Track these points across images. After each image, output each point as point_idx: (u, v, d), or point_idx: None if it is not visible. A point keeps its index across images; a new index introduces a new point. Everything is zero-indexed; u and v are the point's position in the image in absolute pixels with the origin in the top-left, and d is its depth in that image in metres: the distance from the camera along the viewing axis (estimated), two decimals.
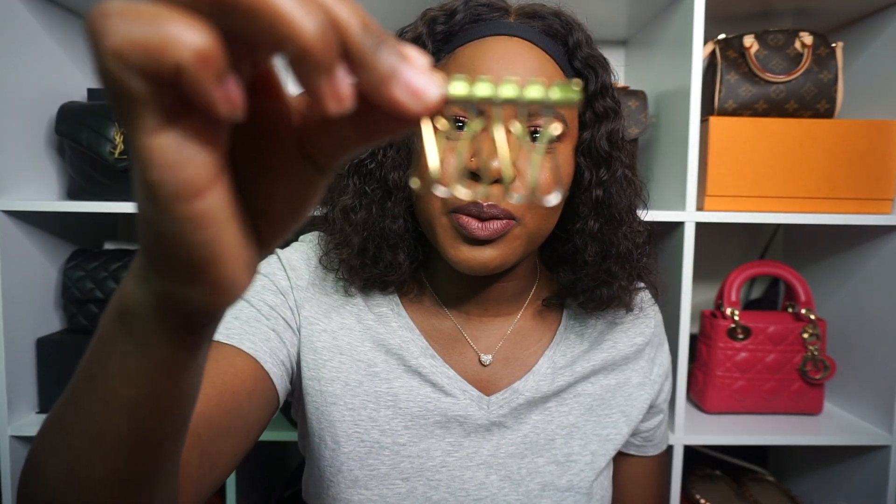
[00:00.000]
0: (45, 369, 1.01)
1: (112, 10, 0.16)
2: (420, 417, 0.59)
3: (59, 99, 1.04)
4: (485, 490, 0.59)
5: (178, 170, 0.18)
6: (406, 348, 0.60)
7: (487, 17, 0.55)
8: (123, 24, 0.16)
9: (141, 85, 0.17)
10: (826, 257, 1.16)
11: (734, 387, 1.04)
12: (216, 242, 0.20)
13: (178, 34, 0.16)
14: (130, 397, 0.26)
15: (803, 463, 1.20)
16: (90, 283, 1.01)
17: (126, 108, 0.18)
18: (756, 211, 0.97)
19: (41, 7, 1.01)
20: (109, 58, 0.16)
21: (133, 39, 0.16)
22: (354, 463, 0.58)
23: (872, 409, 1.03)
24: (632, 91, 1.04)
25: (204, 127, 0.19)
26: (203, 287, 0.21)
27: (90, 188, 1.00)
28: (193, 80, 0.16)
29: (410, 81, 0.18)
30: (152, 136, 0.18)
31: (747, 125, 0.97)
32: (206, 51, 0.16)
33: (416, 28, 0.57)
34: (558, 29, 0.56)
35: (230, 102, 0.17)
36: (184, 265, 0.21)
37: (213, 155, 0.19)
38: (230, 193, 0.21)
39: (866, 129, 0.98)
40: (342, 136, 0.21)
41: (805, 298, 1.05)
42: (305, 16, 0.16)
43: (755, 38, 1.00)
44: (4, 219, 0.94)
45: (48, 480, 0.30)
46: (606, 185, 0.58)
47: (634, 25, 1.15)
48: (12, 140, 0.96)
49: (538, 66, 0.53)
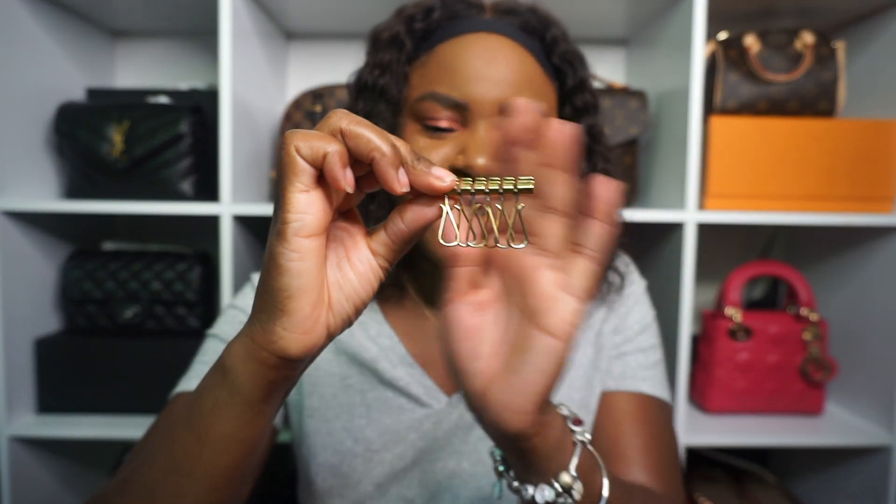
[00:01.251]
0: (43, 370, 1.01)
1: (297, 131, 0.31)
2: (393, 425, 0.60)
3: (58, 99, 1.04)
4: (456, 478, 0.59)
5: (304, 214, 0.31)
6: (383, 358, 0.60)
7: (464, 13, 0.55)
8: (302, 135, 0.31)
9: (302, 163, 0.31)
10: (827, 257, 1.16)
11: (735, 387, 1.03)
12: (307, 276, 0.31)
13: (327, 142, 0.31)
14: (220, 434, 0.34)
15: (804, 464, 1.20)
16: (89, 284, 1.01)
17: (289, 175, 0.31)
18: (757, 211, 0.97)
19: (41, 7, 1.01)
20: (290, 146, 0.31)
21: (305, 139, 0.31)
22: (327, 472, 0.59)
23: (874, 409, 1.03)
24: (632, 91, 1.03)
25: (325, 198, 0.32)
26: (286, 319, 0.32)
27: (89, 188, 0.99)
28: (331, 163, 0.30)
29: (437, 173, 0.32)
30: (298, 192, 0.31)
31: (748, 125, 0.97)
32: (340, 151, 0.31)
33: (393, 27, 0.57)
34: (535, 25, 0.56)
35: (347, 181, 0.31)
36: (281, 293, 0.31)
37: (323, 216, 0.32)
38: (322, 252, 0.32)
39: (867, 128, 0.97)
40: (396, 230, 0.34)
41: (806, 299, 1.05)
42: (382, 141, 0.31)
43: (756, 38, 1.00)
44: (3, 219, 0.94)
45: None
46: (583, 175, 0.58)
47: (634, 25, 1.14)
48: (11, 140, 0.96)
49: (518, 61, 0.53)
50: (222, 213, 0.93)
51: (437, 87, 0.53)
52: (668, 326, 0.98)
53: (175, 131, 0.98)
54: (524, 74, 0.53)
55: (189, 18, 1.14)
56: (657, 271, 1.05)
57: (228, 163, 0.93)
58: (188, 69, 1.25)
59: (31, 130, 1.01)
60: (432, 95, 0.53)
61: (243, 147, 0.98)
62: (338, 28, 1.18)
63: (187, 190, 0.99)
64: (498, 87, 0.52)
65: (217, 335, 0.62)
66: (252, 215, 0.95)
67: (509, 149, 0.32)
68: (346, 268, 0.34)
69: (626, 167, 1.04)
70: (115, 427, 0.97)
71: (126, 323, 1.01)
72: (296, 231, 0.31)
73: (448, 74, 0.53)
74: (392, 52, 0.56)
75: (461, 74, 0.52)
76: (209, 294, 1.05)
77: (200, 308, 1.03)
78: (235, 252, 0.94)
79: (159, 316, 1.03)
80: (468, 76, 0.52)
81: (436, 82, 0.53)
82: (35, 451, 1.02)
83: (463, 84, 0.52)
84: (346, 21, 1.14)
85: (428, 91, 0.53)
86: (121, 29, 1.22)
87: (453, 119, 0.53)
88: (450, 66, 0.53)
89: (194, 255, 1.05)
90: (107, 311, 1.02)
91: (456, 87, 0.52)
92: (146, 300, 1.01)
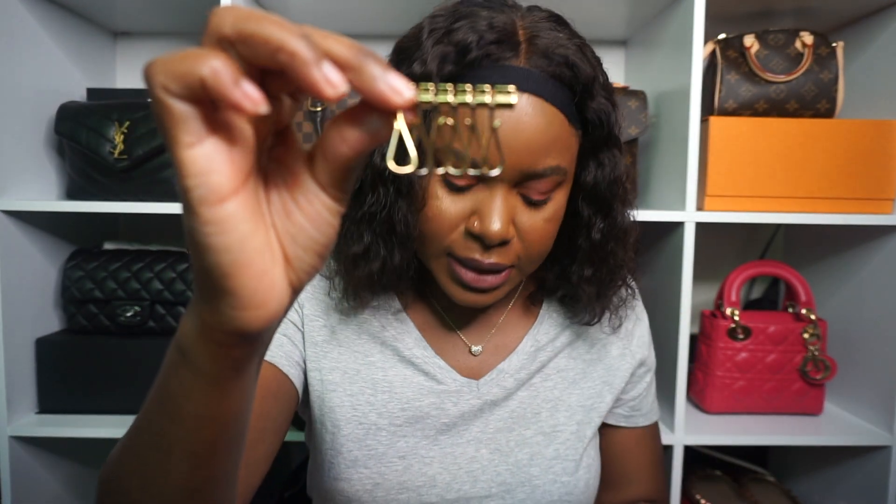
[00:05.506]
0: (44, 369, 1.01)
1: (157, 59, 0.23)
2: (415, 401, 0.62)
3: (59, 99, 1.04)
4: (476, 463, 0.62)
5: (205, 177, 0.23)
6: (400, 339, 0.64)
7: (497, 55, 0.51)
8: (164, 65, 0.22)
9: (178, 106, 0.22)
10: (826, 257, 1.16)
11: (734, 387, 1.04)
12: (238, 249, 0.25)
13: (199, 60, 0.22)
14: (191, 414, 0.31)
15: (804, 463, 1.20)
16: (90, 284, 1.01)
17: (168, 128, 0.23)
18: (756, 211, 0.97)
19: (41, 7, 1.01)
20: (156, 88, 0.22)
21: (171, 70, 0.22)
22: (353, 444, 0.61)
23: (873, 409, 1.03)
24: (632, 91, 1.04)
25: (228, 145, 0.24)
26: (230, 299, 0.26)
27: (90, 188, 1.00)
28: (214, 87, 0.21)
29: (391, 82, 0.23)
30: (187, 149, 0.23)
31: (747, 125, 0.97)
32: (221, 64, 0.22)
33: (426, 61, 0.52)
34: (567, 75, 0.52)
35: (249, 98, 0.22)
36: (213, 273, 0.25)
37: (235, 168, 0.24)
38: (252, 208, 0.26)
39: (867, 129, 0.97)
40: (338, 154, 0.26)
41: (805, 298, 1.05)
42: (290, 37, 0.22)
43: (755, 38, 1.00)
44: (4, 219, 0.94)
45: (129, 495, 0.35)
46: (604, 231, 0.59)
47: (634, 25, 1.14)
48: (12, 140, 0.96)
49: (546, 124, 0.51)
50: None
51: (459, 143, 0.50)
52: (668, 326, 0.98)
53: None
54: (548, 139, 0.51)
55: (189, 19, 1.14)
56: (657, 271, 1.05)
57: None
58: None
59: (32, 130, 1.01)
60: (454, 153, 0.51)
61: None
62: (338, 28, 1.18)
63: None
64: (521, 154, 0.50)
65: None
66: None
67: None
68: (294, 211, 0.27)
69: (625, 167, 1.04)
70: (116, 427, 0.97)
71: (126, 323, 1.01)
72: (201, 200, 0.23)
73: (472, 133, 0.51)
74: None
75: None
76: None
77: None
78: None
79: (160, 316, 1.03)
80: None
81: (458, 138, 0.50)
82: (35, 451, 1.02)
83: None
84: (347, 21, 1.14)
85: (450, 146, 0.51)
86: (121, 29, 1.22)
87: (472, 176, 0.52)
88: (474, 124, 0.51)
89: None
90: (107, 311, 1.02)
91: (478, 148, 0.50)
92: (147, 300, 1.02)
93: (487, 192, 0.52)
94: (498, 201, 0.52)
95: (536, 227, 0.54)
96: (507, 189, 0.52)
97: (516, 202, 0.53)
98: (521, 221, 0.54)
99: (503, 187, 0.52)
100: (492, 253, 0.53)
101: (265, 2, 1.04)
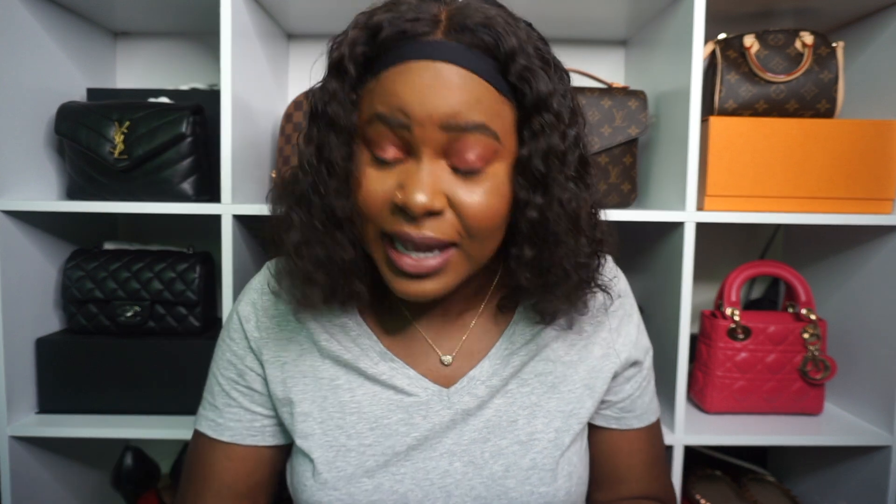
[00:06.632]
0: (44, 369, 1.01)
1: None
2: (384, 418, 0.61)
3: (59, 99, 1.04)
4: (449, 477, 0.60)
5: None
6: (364, 357, 0.62)
7: (413, 31, 0.51)
8: None
9: None
10: (826, 257, 1.16)
11: (734, 387, 1.04)
12: None
13: None
14: None
15: (804, 463, 1.20)
16: (90, 283, 1.01)
17: None
18: (756, 211, 0.97)
19: (41, 7, 1.01)
20: None
21: None
22: (324, 467, 0.60)
23: (873, 409, 1.03)
24: (632, 91, 1.04)
25: None
26: None
27: (90, 188, 1.00)
28: None
29: None
30: None
31: (747, 125, 0.97)
32: None
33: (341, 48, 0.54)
34: (487, 42, 0.51)
35: None
36: None
37: None
38: None
39: (867, 129, 0.98)
40: None
41: (805, 298, 1.05)
42: None
43: (755, 38, 1.00)
44: (4, 219, 0.94)
45: None
46: (542, 208, 0.53)
47: (634, 25, 1.15)
48: (12, 140, 0.96)
49: (461, 85, 0.50)
50: (223, 213, 0.93)
51: (380, 109, 0.51)
52: (668, 326, 0.98)
53: (176, 131, 0.98)
54: (470, 97, 0.50)
55: (190, 19, 1.14)
56: (656, 271, 1.05)
57: (229, 163, 0.93)
58: (189, 69, 1.25)
59: (32, 130, 1.01)
60: (377, 116, 0.51)
61: (244, 147, 0.99)
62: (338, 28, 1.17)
63: (188, 190, 0.99)
64: (440, 110, 0.49)
65: (215, 374, 0.66)
66: (253, 215, 0.95)
67: None
68: None
69: (625, 167, 1.04)
70: (116, 427, 0.97)
71: (126, 323, 1.02)
72: None
73: (391, 98, 0.51)
74: (337, 78, 0.54)
75: (402, 98, 0.50)
76: (210, 294, 1.05)
77: (201, 308, 1.03)
78: (236, 252, 0.95)
79: (160, 316, 1.03)
80: (410, 101, 0.50)
81: (379, 106, 0.51)
82: (35, 451, 1.02)
83: (405, 106, 0.50)
84: (347, 21, 1.14)
85: (373, 113, 0.52)
86: (122, 29, 1.23)
87: (398, 147, 0.52)
88: (393, 97, 0.50)
89: (195, 254, 1.05)
90: (107, 311, 1.02)
91: (398, 108, 0.50)
92: (147, 300, 1.02)
93: (413, 163, 0.51)
94: (422, 171, 0.50)
95: (474, 202, 0.51)
96: (433, 158, 0.51)
97: (444, 173, 0.51)
98: (455, 194, 0.51)
99: (429, 156, 0.51)
100: (422, 226, 0.51)
101: (265, 2, 1.04)
